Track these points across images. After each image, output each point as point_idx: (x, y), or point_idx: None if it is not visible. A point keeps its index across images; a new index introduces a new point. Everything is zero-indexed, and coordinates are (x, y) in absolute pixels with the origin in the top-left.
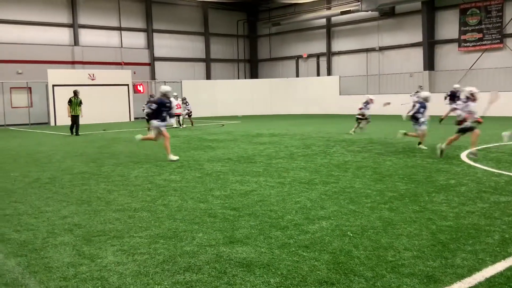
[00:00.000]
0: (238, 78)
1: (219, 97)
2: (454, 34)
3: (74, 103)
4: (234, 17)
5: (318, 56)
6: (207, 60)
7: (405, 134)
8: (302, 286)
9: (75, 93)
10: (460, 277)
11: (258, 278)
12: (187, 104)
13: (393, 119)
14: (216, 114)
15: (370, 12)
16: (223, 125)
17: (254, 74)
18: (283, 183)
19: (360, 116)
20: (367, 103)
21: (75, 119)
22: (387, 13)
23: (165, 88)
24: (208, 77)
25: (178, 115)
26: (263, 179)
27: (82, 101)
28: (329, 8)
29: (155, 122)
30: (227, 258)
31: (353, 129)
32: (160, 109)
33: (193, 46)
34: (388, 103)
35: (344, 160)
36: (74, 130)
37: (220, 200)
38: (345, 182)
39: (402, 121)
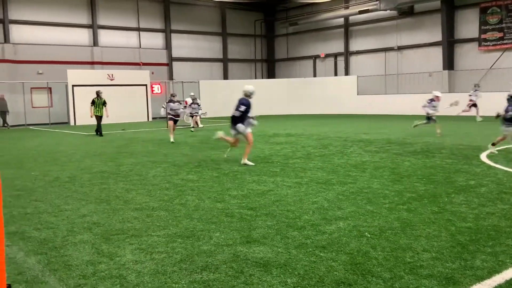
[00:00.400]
0: (255, 78)
1: (236, 97)
2: (474, 33)
3: (97, 103)
4: (252, 17)
5: (335, 55)
6: (225, 60)
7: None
8: (319, 287)
9: (98, 93)
10: (480, 279)
11: (275, 278)
12: (199, 104)
13: (412, 118)
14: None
15: (388, 11)
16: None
17: (271, 74)
18: (300, 183)
19: (429, 115)
20: (432, 100)
21: (98, 119)
22: (406, 12)
23: (249, 88)
24: (225, 77)
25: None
26: (280, 179)
27: (106, 102)
28: (347, 8)
29: (241, 126)
30: (244, 257)
31: (416, 123)
32: (247, 111)
33: (210, 46)
34: (456, 103)
35: (361, 161)
36: (98, 130)
37: (237, 199)
38: (363, 183)
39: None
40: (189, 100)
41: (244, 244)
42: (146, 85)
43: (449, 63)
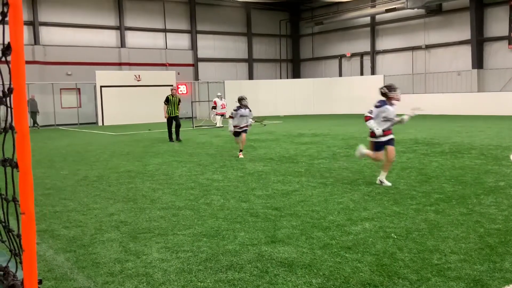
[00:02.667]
0: (280, 78)
1: (261, 97)
2: (504, 31)
3: (172, 102)
4: (277, 17)
5: (361, 55)
6: (250, 60)
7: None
8: None
9: (173, 91)
10: (509, 281)
11: (300, 278)
12: (250, 110)
13: (440, 118)
14: (258, 114)
15: (416, 9)
16: (264, 125)
17: (296, 74)
18: (325, 184)
19: None
20: None
21: (173, 120)
22: (434, 10)
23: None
24: (250, 77)
25: (223, 115)
26: (305, 179)
27: (180, 100)
28: (373, 6)
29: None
30: (269, 257)
31: None
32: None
33: (236, 47)
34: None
35: None
36: (174, 135)
37: (262, 199)
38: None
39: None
40: (218, 101)
41: (268, 244)
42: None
43: (478, 62)
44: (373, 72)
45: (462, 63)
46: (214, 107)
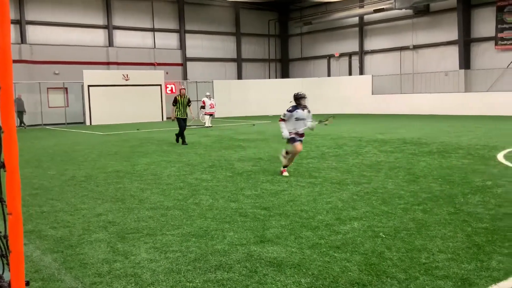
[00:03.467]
0: (269, 78)
1: (250, 97)
2: (491, 32)
3: (180, 103)
4: (266, 17)
5: (350, 55)
6: (239, 60)
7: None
8: (334, 287)
9: (181, 91)
10: (496, 280)
11: (288, 278)
12: (309, 111)
13: (427, 118)
14: (247, 114)
15: (404, 10)
16: (253, 124)
17: (285, 74)
18: (314, 183)
19: None
20: None
21: (181, 122)
22: (422, 11)
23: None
24: (239, 77)
25: (211, 114)
26: (294, 179)
27: (190, 100)
28: (361, 7)
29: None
30: (258, 257)
31: None
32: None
33: (224, 46)
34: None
35: (376, 161)
36: (180, 137)
37: (251, 199)
38: (378, 183)
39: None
40: (207, 100)
41: (257, 244)
42: (160, 85)
43: (465, 62)
44: (361, 72)
45: (449, 64)
46: (203, 107)
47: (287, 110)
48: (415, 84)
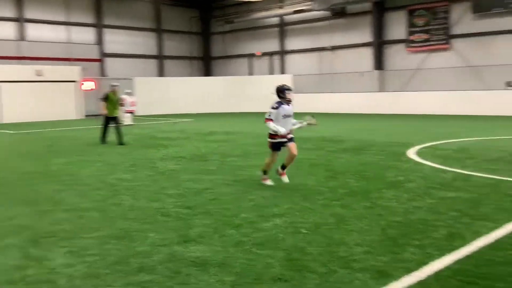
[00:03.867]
0: (192, 76)
1: (172, 95)
2: (403, 35)
3: (112, 100)
4: (188, 14)
5: (271, 54)
6: (160, 57)
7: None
8: (257, 284)
9: (113, 87)
10: (409, 271)
11: (212, 277)
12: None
13: (345, 117)
14: (169, 112)
15: (322, 11)
16: (175, 123)
17: (208, 72)
18: (237, 181)
19: None
20: None
21: (110, 121)
22: (339, 13)
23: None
24: (161, 74)
25: (131, 112)
26: (217, 177)
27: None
28: (282, 7)
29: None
30: (181, 257)
31: None
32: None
33: (145, 43)
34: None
35: (297, 158)
36: (103, 136)
37: (174, 199)
38: (299, 180)
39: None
40: (127, 98)
41: (180, 244)
42: (75, 81)
43: (379, 63)
44: (282, 71)
45: (365, 64)
46: (122, 105)
47: (272, 108)
48: (334, 84)
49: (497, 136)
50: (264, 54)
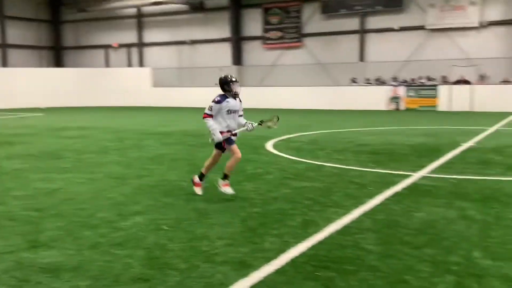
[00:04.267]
0: (42, 67)
1: (18, 88)
2: (259, 32)
3: None
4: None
5: (129, 46)
6: (3, 46)
7: None
8: (115, 286)
9: None
10: (269, 260)
11: (65, 283)
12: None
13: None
14: (14, 106)
15: (180, 5)
16: (43, 108)
17: (59, 63)
18: (94, 179)
19: None
20: None
21: None
22: (197, 8)
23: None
24: (4, 64)
25: None
26: (72, 175)
27: None
28: None
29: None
30: (30, 264)
31: None
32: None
33: None
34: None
35: (158, 153)
36: None
37: (21, 200)
38: (160, 175)
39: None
40: None
41: (29, 250)
42: None
43: (237, 58)
44: (141, 64)
45: (224, 59)
46: None
47: (214, 101)
48: (194, 78)
49: (343, 128)
50: (122, 45)
